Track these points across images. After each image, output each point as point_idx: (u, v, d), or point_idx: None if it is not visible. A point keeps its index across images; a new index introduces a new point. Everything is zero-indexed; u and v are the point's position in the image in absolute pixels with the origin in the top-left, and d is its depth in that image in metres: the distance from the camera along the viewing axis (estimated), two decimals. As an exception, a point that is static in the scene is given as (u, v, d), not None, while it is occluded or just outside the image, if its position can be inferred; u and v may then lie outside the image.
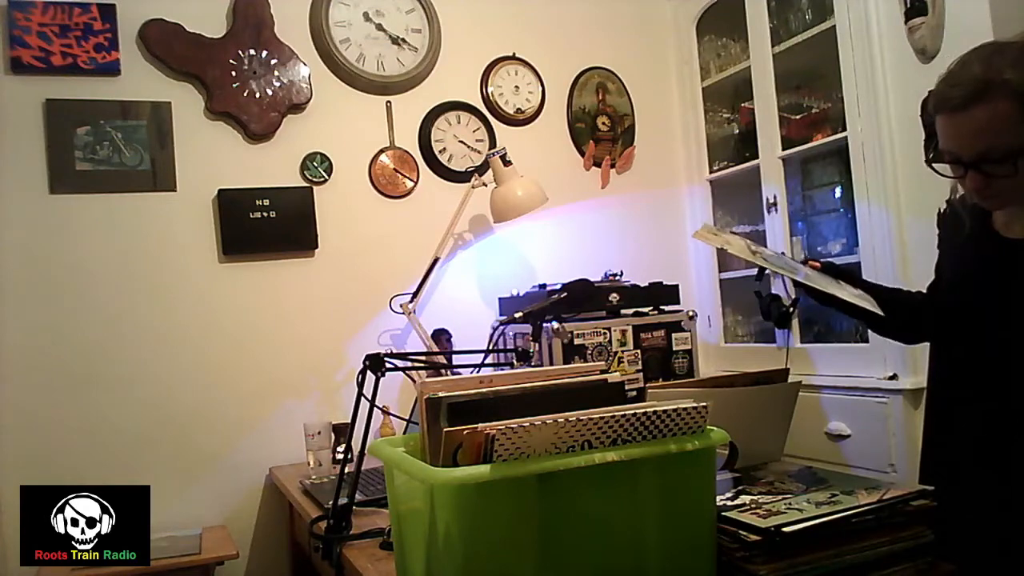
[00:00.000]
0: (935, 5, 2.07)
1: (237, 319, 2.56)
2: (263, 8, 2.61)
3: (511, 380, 1.22)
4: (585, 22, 3.11)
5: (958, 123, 1.12)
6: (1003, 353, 1.26)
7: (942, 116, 1.14)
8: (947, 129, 1.14)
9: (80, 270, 2.40)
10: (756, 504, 1.24)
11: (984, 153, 1.10)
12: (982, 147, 1.10)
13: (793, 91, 2.78)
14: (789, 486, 1.35)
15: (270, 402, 2.57)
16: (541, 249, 2.96)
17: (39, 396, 2.33)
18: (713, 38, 3.11)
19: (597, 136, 3.10)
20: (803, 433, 2.22)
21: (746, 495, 1.30)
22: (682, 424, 1.10)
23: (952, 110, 1.12)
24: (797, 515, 1.17)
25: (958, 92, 1.11)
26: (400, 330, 2.72)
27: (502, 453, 0.99)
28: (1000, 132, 1.08)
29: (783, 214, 2.68)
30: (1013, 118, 1.07)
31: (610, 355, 2.41)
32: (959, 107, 1.10)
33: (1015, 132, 1.07)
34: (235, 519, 2.50)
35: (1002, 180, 1.11)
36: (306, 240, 2.63)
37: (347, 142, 2.73)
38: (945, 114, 1.13)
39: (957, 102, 1.11)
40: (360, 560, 1.42)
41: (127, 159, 2.45)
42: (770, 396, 1.70)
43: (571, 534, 1.05)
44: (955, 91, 1.11)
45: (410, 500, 1.17)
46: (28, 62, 2.34)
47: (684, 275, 3.06)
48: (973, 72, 1.10)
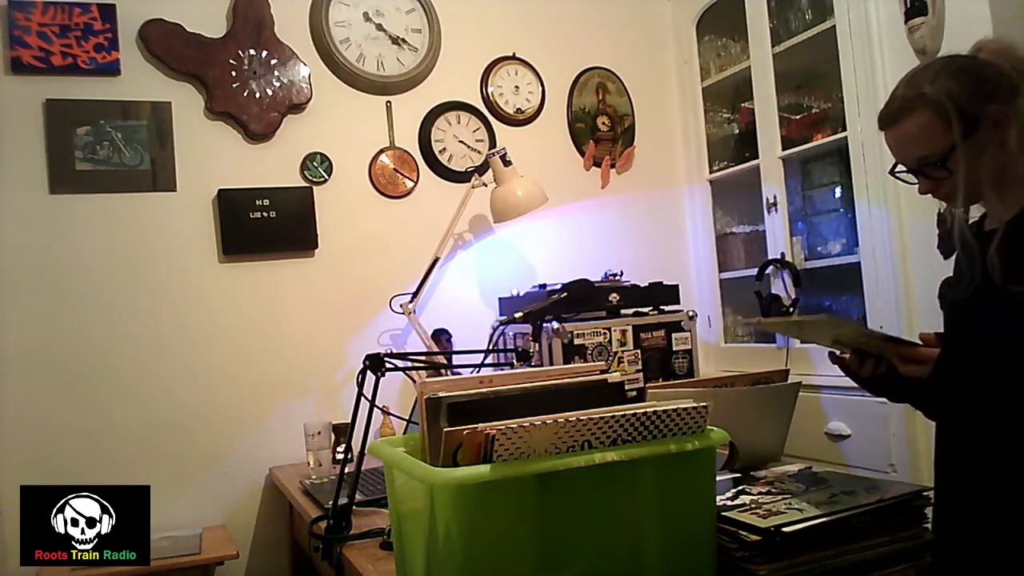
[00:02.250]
0: (935, 5, 2.07)
1: (237, 319, 2.56)
2: (263, 8, 2.61)
3: (511, 380, 1.22)
4: (585, 22, 3.11)
5: (891, 137, 1.28)
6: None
7: (884, 133, 1.30)
8: (889, 143, 1.29)
9: (80, 270, 2.40)
10: (756, 504, 1.24)
11: (921, 160, 1.23)
12: (917, 155, 1.24)
13: (793, 91, 2.78)
14: (789, 486, 1.35)
15: (270, 402, 2.57)
16: (541, 249, 2.96)
17: (39, 396, 2.33)
18: (713, 38, 3.11)
19: (597, 136, 3.10)
20: (803, 433, 2.22)
21: (746, 495, 1.30)
22: (682, 424, 1.10)
23: (886, 127, 1.28)
24: (797, 515, 1.17)
25: (888, 110, 1.27)
26: (400, 330, 2.73)
27: (502, 453, 1.00)
28: (925, 140, 1.22)
29: (783, 214, 2.68)
30: (934, 127, 1.20)
31: (610, 355, 2.41)
32: (890, 123, 1.26)
33: (939, 138, 1.20)
34: (235, 519, 2.50)
35: (945, 181, 1.23)
36: (306, 240, 2.63)
37: (347, 142, 2.73)
38: (884, 131, 1.29)
39: (889, 119, 1.27)
40: (360, 560, 1.42)
41: (127, 159, 2.45)
42: (770, 396, 1.71)
43: (571, 534, 1.05)
44: (886, 110, 1.27)
45: (410, 500, 1.17)
46: (28, 62, 2.34)
47: (684, 275, 3.06)
48: (899, 92, 1.26)
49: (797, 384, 1.76)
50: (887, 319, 2.25)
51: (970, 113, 1.18)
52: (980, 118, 1.19)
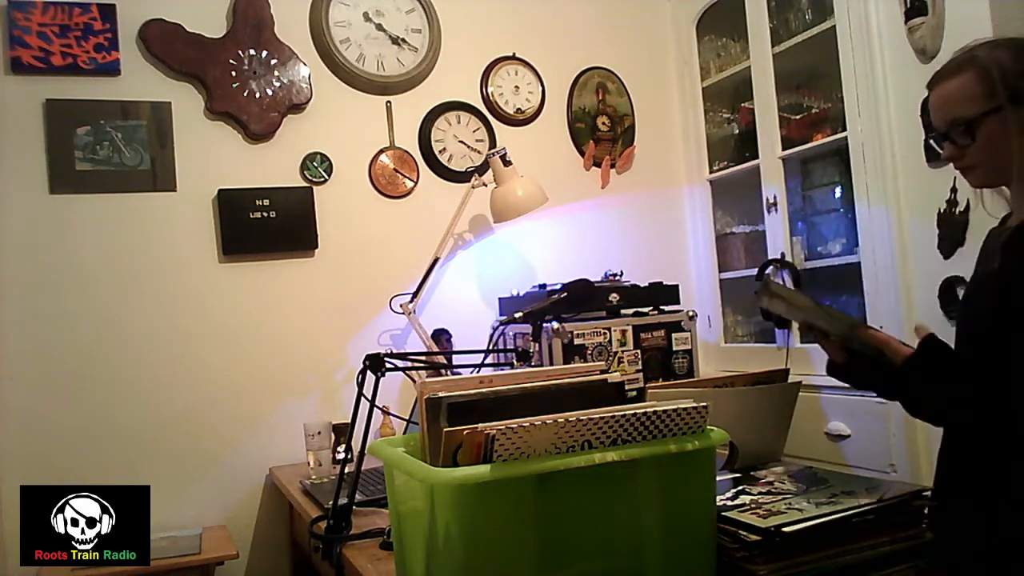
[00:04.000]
0: (935, 5, 2.07)
1: (237, 319, 2.56)
2: (263, 8, 2.61)
3: (511, 380, 1.22)
4: (585, 22, 3.11)
5: (935, 96, 1.26)
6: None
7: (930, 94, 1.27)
8: (931, 104, 1.27)
9: (80, 270, 2.40)
10: (756, 504, 1.24)
11: (951, 122, 1.21)
12: (951, 116, 1.21)
13: (793, 91, 2.78)
14: (789, 486, 1.35)
15: (270, 402, 2.57)
16: (541, 249, 2.96)
17: (39, 396, 2.33)
18: (713, 38, 3.11)
19: (597, 136, 3.10)
20: (803, 433, 2.22)
21: (746, 495, 1.30)
22: (682, 424, 1.10)
23: (933, 86, 1.26)
24: (797, 515, 1.17)
25: (939, 72, 1.25)
26: (400, 330, 2.72)
27: (502, 453, 0.99)
28: (961, 102, 1.20)
29: (783, 214, 2.67)
30: (974, 89, 1.18)
31: (610, 355, 2.41)
32: (936, 81, 1.25)
33: (975, 102, 1.18)
34: (235, 519, 2.50)
35: (968, 150, 1.21)
36: (306, 240, 2.63)
37: (347, 142, 2.73)
38: (930, 91, 1.27)
39: (937, 77, 1.25)
40: (360, 560, 1.42)
41: (127, 159, 2.45)
42: (770, 396, 1.71)
43: (571, 534, 1.05)
44: (938, 72, 1.26)
45: (410, 500, 1.17)
46: (28, 62, 2.34)
47: (684, 275, 3.06)
48: (955, 56, 1.24)
49: (797, 384, 1.76)
50: (887, 319, 2.25)
51: (1013, 86, 1.16)
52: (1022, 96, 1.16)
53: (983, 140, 1.18)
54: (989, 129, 1.17)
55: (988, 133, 1.18)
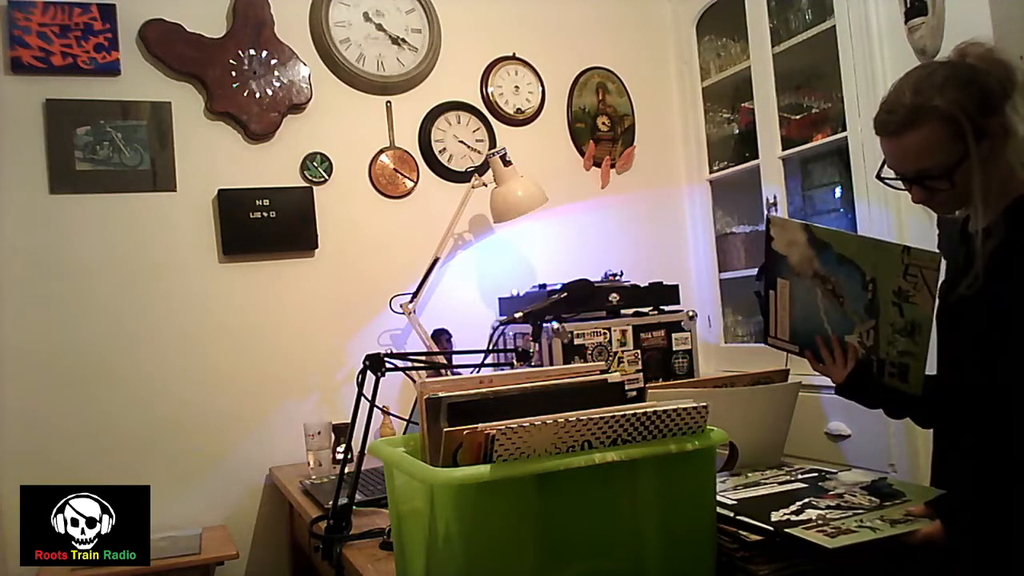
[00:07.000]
0: (935, 5, 2.07)
1: (237, 319, 2.56)
2: (263, 8, 2.61)
3: (511, 380, 1.22)
4: (585, 22, 3.11)
5: (896, 146, 1.24)
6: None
7: (883, 140, 1.26)
8: (888, 151, 1.26)
9: (80, 270, 2.40)
10: (824, 520, 1.14)
11: (922, 171, 1.22)
12: (919, 167, 1.22)
13: (793, 91, 2.78)
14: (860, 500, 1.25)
15: (270, 402, 2.57)
16: (541, 249, 2.96)
17: (39, 396, 2.33)
18: (713, 38, 3.11)
19: (597, 136, 3.10)
20: (803, 433, 2.22)
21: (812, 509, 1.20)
22: (682, 424, 1.10)
23: (890, 135, 1.24)
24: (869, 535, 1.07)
25: (893, 119, 1.22)
26: (400, 330, 2.72)
27: (502, 453, 0.99)
28: (933, 153, 1.20)
29: (783, 214, 2.67)
30: (943, 140, 1.18)
31: (610, 355, 2.41)
32: (895, 132, 1.23)
33: (947, 151, 1.19)
34: (235, 519, 2.50)
35: (942, 192, 1.22)
36: (306, 240, 2.63)
37: (347, 142, 2.72)
38: (884, 138, 1.26)
39: (893, 128, 1.22)
40: (360, 560, 1.42)
41: (127, 159, 2.45)
42: (770, 396, 1.71)
43: (571, 534, 1.05)
44: (891, 117, 1.23)
45: (410, 500, 1.17)
46: (28, 62, 2.34)
47: (684, 275, 3.06)
48: (905, 100, 1.21)
49: (797, 384, 1.76)
50: (887, 319, 2.25)
51: (977, 127, 1.17)
52: (987, 131, 1.18)
53: (960, 181, 1.20)
54: (963, 169, 1.19)
55: (963, 173, 1.19)
